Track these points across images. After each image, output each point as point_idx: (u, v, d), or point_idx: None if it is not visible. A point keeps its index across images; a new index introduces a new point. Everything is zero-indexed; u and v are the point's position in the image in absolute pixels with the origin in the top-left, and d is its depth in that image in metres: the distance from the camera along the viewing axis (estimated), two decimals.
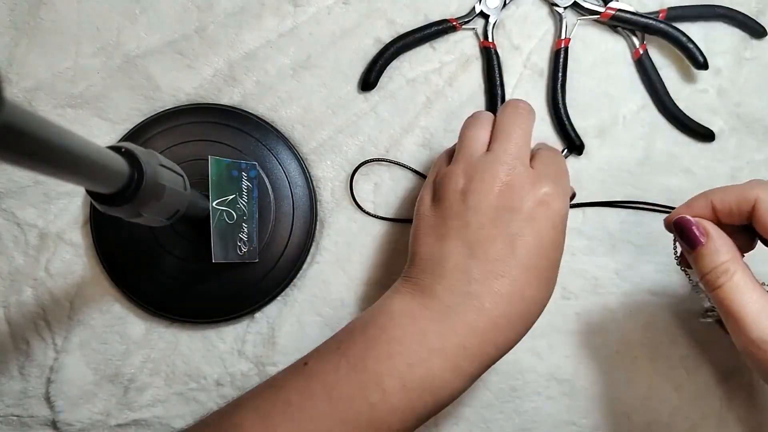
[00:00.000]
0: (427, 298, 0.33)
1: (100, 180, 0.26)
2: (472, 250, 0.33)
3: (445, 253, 0.34)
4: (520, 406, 0.47)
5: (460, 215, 0.34)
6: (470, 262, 0.33)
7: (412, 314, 0.33)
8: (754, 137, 0.49)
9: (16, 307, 0.46)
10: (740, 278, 0.31)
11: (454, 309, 0.32)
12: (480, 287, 0.32)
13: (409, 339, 0.32)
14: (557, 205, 0.34)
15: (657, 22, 0.48)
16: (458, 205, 0.35)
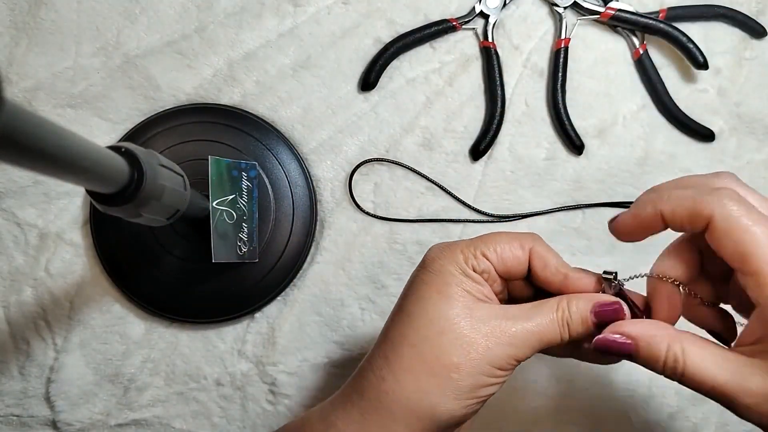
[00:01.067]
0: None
1: (100, 180, 0.26)
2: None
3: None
4: (520, 406, 0.47)
5: None
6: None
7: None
8: (754, 137, 0.49)
9: (16, 307, 0.46)
10: (694, 355, 0.26)
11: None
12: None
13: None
14: (432, 253, 0.32)
15: (657, 22, 0.48)
16: None
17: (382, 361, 0.30)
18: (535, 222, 0.48)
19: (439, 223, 0.48)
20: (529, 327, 0.29)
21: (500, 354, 0.29)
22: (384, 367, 0.30)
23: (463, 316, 0.29)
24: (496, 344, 0.29)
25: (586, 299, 0.30)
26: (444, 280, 0.30)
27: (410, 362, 0.29)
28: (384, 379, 0.30)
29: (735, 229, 0.25)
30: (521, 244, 0.31)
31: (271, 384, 0.46)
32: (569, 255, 0.48)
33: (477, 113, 0.49)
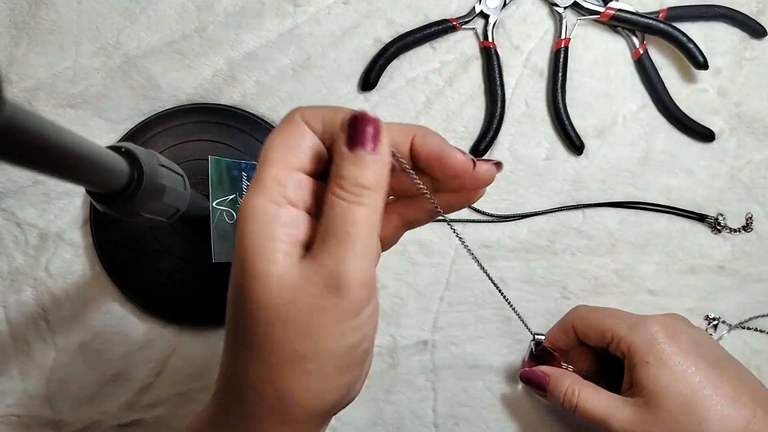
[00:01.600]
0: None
1: (100, 180, 0.26)
2: None
3: None
4: (520, 406, 0.47)
5: None
6: None
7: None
8: (754, 137, 0.49)
9: (16, 307, 0.46)
10: (585, 393, 0.39)
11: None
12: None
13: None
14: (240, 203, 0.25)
15: (657, 22, 0.48)
16: None
17: (221, 380, 0.25)
18: (535, 222, 0.48)
19: (438, 223, 0.48)
20: (338, 242, 0.22)
21: (342, 308, 0.23)
22: (228, 383, 0.25)
23: (282, 292, 0.22)
24: (330, 301, 0.22)
25: (338, 150, 0.23)
26: (253, 252, 0.22)
27: (252, 371, 0.23)
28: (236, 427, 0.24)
29: (588, 321, 0.43)
30: (295, 121, 0.24)
31: None
32: (569, 255, 0.48)
33: (477, 113, 0.49)
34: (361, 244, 0.22)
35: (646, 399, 0.37)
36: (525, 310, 0.47)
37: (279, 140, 0.24)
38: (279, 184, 0.23)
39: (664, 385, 0.36)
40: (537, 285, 0.48)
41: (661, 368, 0.37)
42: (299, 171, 0.24)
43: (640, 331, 0.38)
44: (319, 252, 0.23)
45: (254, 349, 0.23)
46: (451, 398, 0.47)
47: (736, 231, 0.48)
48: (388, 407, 0.46)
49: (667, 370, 0.37)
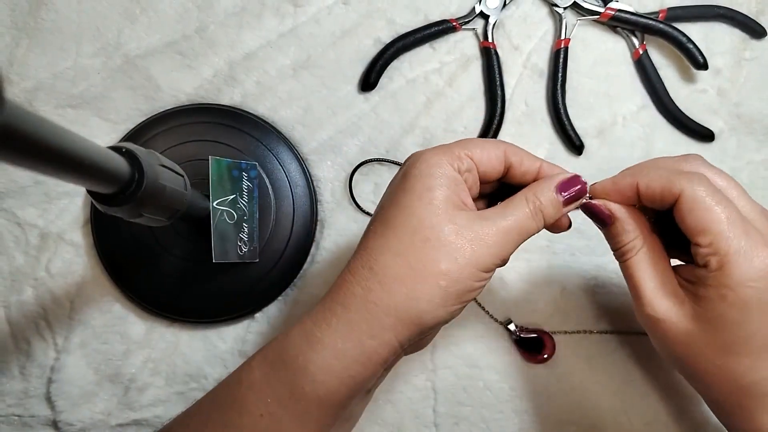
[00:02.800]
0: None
1: (101, 180, 0.26)
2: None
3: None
4: (520, 406, 0.47)
5: None
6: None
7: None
8: (753, 137, 0.49)
9: (16, 307, 0.46)
10: (643, 256, 0.33)
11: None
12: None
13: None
14: (413, 158, 0.32)
15: (657, 22, 0.48)
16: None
17: (367, 271, 0.30)
18: None
19: None
20: (508, 224, 0.31)
21: (486, 256, 0.30)
22: (370, 278, 0.30)
23: (445, 222, 0.30)
24: (481, 247, 0.30)
25: (548, 183, 0.32)
26: (425, 185, 0.30)
27: (397, 271, 0.29)
28: (371, 290, 0.30)
29: (698, 208, 0.30)
30: (496, 146, 0.33)
31: None
32: (569, 255, 0.48)
33: (477, 113, 0.49)
34: (514, 237, 0.31)
35: (708, 325, 0.30)
36: (525, 310, 0.47)
37: (476, 141, 0.33)
38: (459, 158, 0.31)
39: (733, 326, 0.30)
40: (537, 285, 0.48)
41: (739, 311, 0.29)
42: (477, 166, 0.32)
43: (742, 263, 0.29)
44: (487, 214, 0.31)
45: (400, 254, 0.30)
46: (451, 398, 0.47)
47: None
48: (388, 407, 0.46)
49: (747, 317, 0.30)
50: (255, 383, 0.32)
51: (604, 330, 0.47)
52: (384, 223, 0.31)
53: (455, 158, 0.31)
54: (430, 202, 0.30)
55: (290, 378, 0.30)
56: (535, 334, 0.46)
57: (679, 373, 0.35)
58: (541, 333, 0.46)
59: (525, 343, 0.47)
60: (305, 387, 0.30)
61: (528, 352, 0.46)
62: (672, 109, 0.48)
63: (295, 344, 0.31)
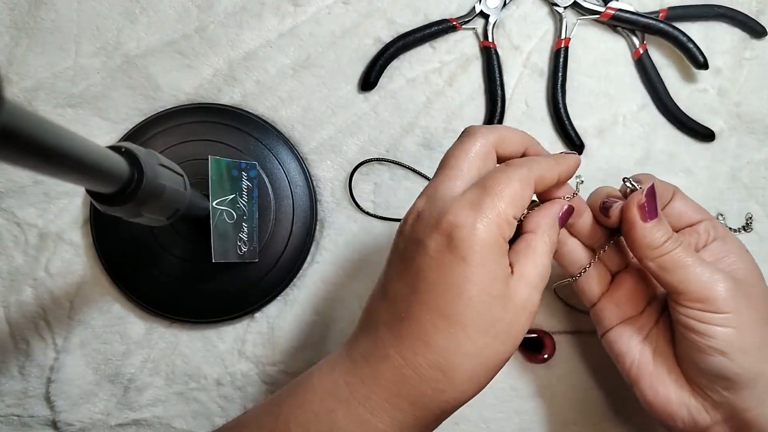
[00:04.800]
0: (348, 346, 0.31)
1: (100, 180, 0.26)
2: (383, 289, 0.31)
3: (371, 294, 0.32)
4: (520, 406, 0.47)
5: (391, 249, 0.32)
6: (380, 304, 0.30)
7: (333, 363, 0.31)
8: (754, 137, 0.49)
9: (16, 307, 0.46)
10: (686, 245, 0.33)
11: (365, 356, 0.30)
12: (386, 332, 0.29)
13: (322, 388, 0.30)
14: (464, 233, 0.28)
15: (657, 22, 0.48)
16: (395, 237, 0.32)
17: (438, 374, 0.28)
18: None
19: None
20: (544, 282, 0.31)
21: (529, 325, 0.30)
22: (442, 381, 0.29)
23: (510, 309, 0.29)
24: (530, 322, 0.30)
25: (552, 219, 0.32)
26: (490, 274, 0.28)
27: (471, 372, 0.29)
28: (443, 392, 0.29)
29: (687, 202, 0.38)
30: (529, 183, 0.30)
31: (271, 384, 0.46)
32: None
33: (477, 113, 0.49)
34: (546, 282, 0.31)
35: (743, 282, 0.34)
36: None
37: (514, 188, 0.29)
38: (508, 224, 0.29)
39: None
40: None
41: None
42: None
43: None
44: (526, 280, 0.30)
45: (472, 355, 0.29)
46: None
47: (736, 231, 0.48)
48: None
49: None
50: None
51: None
52: (448, 318, 0.28)
53: (504, 227, 0.29)
54: (498, 293, 0.28)
55: None
56: (535, 334, 0.46)
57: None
58: (541, 333, 0.46)
59: (525, 343, 0.46)
60: None
61: (528, 352, 0.46)
62: (672, 108, 0.48)
63: (309, 407, 0.30)
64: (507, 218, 0.29)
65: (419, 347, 0.28)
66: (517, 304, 0.29)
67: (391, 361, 0.29)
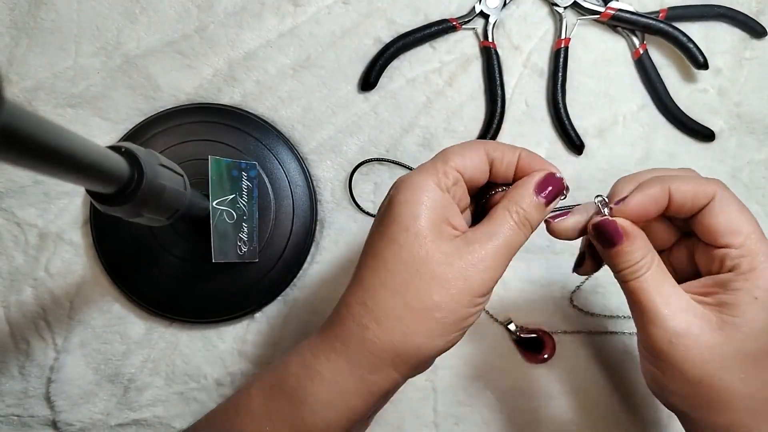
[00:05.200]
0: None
1: (100, 180, 0.26)
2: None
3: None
4: (520, 406, 0.47)
5: None
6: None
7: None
8: (754, 137, 0.49)
9: (16, 307, 0.46)
10: (656, 272, 0.31)
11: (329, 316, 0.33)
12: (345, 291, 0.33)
13: (290, 351, 0.33)
14: (398, 183, 0.31)
15: (657, 22, 0.48)
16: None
17: (361, 308, 0.30)
18: None
19: None
20: (497, 244, 0.30)
21: (479, 281, 0.29)
22: (365, 315, 0.30)
23: (435, 253, 0.29)
24: (474, 273, 0.29)
25: (526, 187, 0.31)
26: (411, 213, 0.29)
27: (391, 307, 0.29)
28: (367, 328, 0.29)
29: (731, 209, 0.30)
30: (476, 147, 0.32)
31: None
32: (569, 255, 0.48)
33: (477, 113, 0.49)
34: (504, 255, 0.30)
35: (737, 331, 0.29)
36: (525, 310, 0.47)
37: (456, 148, 0.32)
38: (445, 174, 0.31)
39: (764, 331, 0.29)
40: (537, 285, 0.48)
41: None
42: (462, 175, 0.31)
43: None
44: (474, 237, 0.30)
45: (393, 290, 0.29)
46: (451, 398, 0.47)
47: None
48: (388, 407, 0.46)
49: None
50: (253, 412, 0.32)
51: (604, 330, 0.47)
52: (375, 256, 0.30)
53: (440, 175, 0.30)
54: (418, 232, 0.29)
55: (289, 409, 0.30)
56: (535, 334, 0.46)
57: (680, 409, 0.32)
58: (541, 333, 0.46)
59: (525, 343, 0.46)
60: (305, 419, 0.30)
61: (528, 352, 0.46)
62: (672, 108, 0.48)
63: (294, 375, 0.31)
64: (445, 169, 0.31)
65: (355, 288, 0.31)
66: (447, 251, 0.29)
67: (335, 307, 0.31)
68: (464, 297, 0.29)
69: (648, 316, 0.30)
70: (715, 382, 0.29)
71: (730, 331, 0.29)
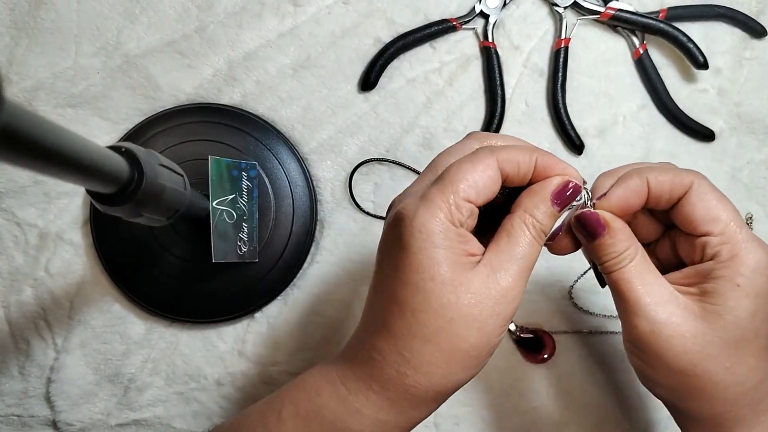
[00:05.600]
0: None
1: (100, 180, 0.26)
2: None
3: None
4: (520, 405, 0.47)
5: None
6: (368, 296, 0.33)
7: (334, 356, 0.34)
8: (754, 137, 0.49)
9: (16, 307, 0.46)
10: (640, 263, 0.30)
11: (350, 343, 0.33)
12: (363, 322, 0.32)
13: (317, 371, 0.33)
14: (406, 222, 0.28)
15: (657, 22, 0.48)
16: None
17: (398, 357, 0.29)
18: None
19: None
20: (522, 266, 0.29)
21: (510, 311, 0.29)
22: (402, 364, 0.29)
23: (464, 295, 0.28)
24: (504, 305, 0.29)
25: (542, 196, 0.30)
26: (431, 259, 0.28)
27: (430, 357, 0.29)
28: (406, 375, 0.29)
29: (709, 198, 0.30)
30: (489, 166, 0.29)
31: (271, 384, 0.46)
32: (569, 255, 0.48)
33: (477, 113, 0.49)
34: (527, 274, 0.29)
35: (720, 319, 0.29)
36: (525, 310, 0.47)
37: (467, 171, 0.29)
38: (458, 208, 0.28)
39: (747, 318, 0.29)
40: (537, 285, 0.48)
41: (753, 301, 0.29)
42: (474, 204, 0.29)
43: (753, 249, 0.29)
44: (498, 263, 0.29)
45: (427, 339, 0.28)
46: (451, 398, 0.46)
47: None
48: None
49: (759, 307, 0.29)
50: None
51: (604, 330, 0.47)
52: (401, 305, 0.29)
53: (453, 210, 0.28)
54: (444, 280, 0.28)
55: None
56: (535, 334, 0.46)
57: (667, 400, 0.32)
58: (541, 333, 0.46)
59: (525, 342, 0.46)
60: None
61: (528, 352, 0.46)
62: (672, 108, 0.48)
63: (331, 409, 0.30)
64: (457, 202, 0.28)
65: (383, 332, 0.30)
66: (476, 290, 0.28)
67: (364, 346, 0.30)
68: (497, 329, 0.29)
69: (631, 307, 0.30)
70: (699, 372, 0.29)
71: (713, 320, 0.29)
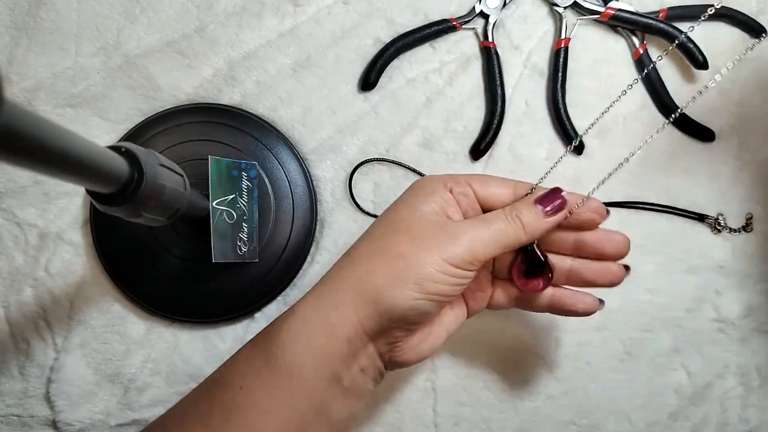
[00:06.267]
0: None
1: (100, 180, 0.26)
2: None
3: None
4: (520, 406, 0.47)
5: None
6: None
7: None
8: (754, 137, 0.49)
9: (16, 307, 0.46)
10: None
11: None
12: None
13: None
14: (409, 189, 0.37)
15: (657, 22, 0.48)
16: None
17: (344, 255, 0.34)
18: None
19: None
20: (480, 222, 0.33)
21: (451, 249, 0.31)
22: (343, 259, 0.34)
23: (419, 219, 0.33)
24: (447, 239, 0.32)
25: (527, 197, 0.35)
26: (414, 195, 0.34)
27: (364, 251, 0.33)
28: (342, 268, 0.34)
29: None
30: (504, 183, 0.36)
31: None
32: None
33: (477, 113, 0.49)
34: (488, 241, 0.32)
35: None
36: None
37: (487, 177, 0.36)
38: (455, 183, 0.34)
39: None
40: None
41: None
42: (475, 195, 0.35)
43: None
44: (462, 221, 0.34)
45: (370, 240, 0.34)
46: (451, 398, 0.47)
47: (736, 231, 0.48)
48: (388, 407, 0.46)
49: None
50: (239, 358, 0.35)
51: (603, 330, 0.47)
52: (374, 221, 0.35)
53: (453, 181, 0.34)
54: (415, 208, 0.33)
55: (265, 347, 0.33)
56: (545, 260, 0.37)
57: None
58: (550, 262, 0.38)
59: (531, 261, 0.38)
60: (276, 353, 0.32)
61: (527, 271, 0.38)
62: (672, 108, 0.48)
63: (277, 319, 0.35)
64: (457, 179, 0.35)
65: (342, 258, 0.35)
66: (432, 224, 0.33)
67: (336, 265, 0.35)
68: (432, 256, 0.31)
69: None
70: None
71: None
